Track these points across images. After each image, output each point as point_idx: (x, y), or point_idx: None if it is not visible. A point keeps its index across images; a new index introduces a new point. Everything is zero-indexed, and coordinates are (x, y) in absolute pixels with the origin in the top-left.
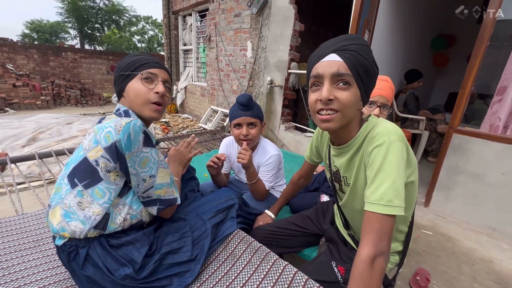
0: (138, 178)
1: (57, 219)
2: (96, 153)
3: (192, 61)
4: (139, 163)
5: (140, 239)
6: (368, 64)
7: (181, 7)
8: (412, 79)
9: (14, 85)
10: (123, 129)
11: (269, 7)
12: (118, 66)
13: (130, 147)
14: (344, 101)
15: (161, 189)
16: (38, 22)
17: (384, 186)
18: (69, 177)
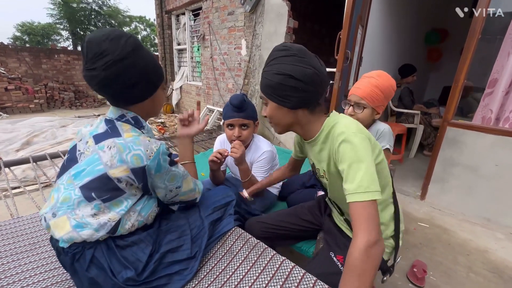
0: (166, 190)
1: (66, 229)
2: (121, 172)
3: (186, 60)
4: (168, 179)
5: (144, 239)
6: (269, 81)
7: (174, 6)
8: (406, 73)
9: (6, 88)
10: (154, 156)
11: (262, 5)
12: (141, 70)
13: (160, 170)
14: (268, 115)
15: (184, 195)
16: (29, 24)
17: (359, 175)
18: (83, 189)
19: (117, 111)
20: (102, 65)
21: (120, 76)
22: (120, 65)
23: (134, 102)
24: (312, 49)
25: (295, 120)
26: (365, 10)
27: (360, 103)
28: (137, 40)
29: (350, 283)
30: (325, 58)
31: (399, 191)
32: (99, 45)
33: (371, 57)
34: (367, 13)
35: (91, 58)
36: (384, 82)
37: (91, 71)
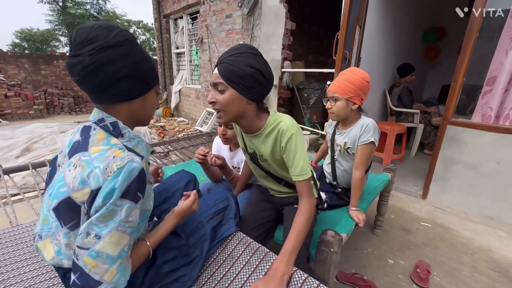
0: (87, 226)
1: (51, 254)
2: (84, 195)
3: (185, 64)
4: (101, 214)
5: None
6: (240, 70)
7: (172, 11)
8: (405, 73)
9: (6, 95)
10: (112, 176)
11: (260, 7)
12: (134, 64)
13: (110, 197)
14: (221, 102)
15: (92, 259)
16: (28, 31)
17: (301, 163)
18: (54, 213)
19: (98, 113)
20: (89, 50)
21: (108, 65)
22: (109, 52)
23: (121, 100)
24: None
25: (246, 112)
26: (362, 10)
27: (333, 96)
28: (132, 35)
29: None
30: (323, 59)
31: (400, 190)
32: (90, 31)
33: (369, 57)
34: (364, 13)
35: (78, 43)
36: (353, 75)
37: (75, 58)
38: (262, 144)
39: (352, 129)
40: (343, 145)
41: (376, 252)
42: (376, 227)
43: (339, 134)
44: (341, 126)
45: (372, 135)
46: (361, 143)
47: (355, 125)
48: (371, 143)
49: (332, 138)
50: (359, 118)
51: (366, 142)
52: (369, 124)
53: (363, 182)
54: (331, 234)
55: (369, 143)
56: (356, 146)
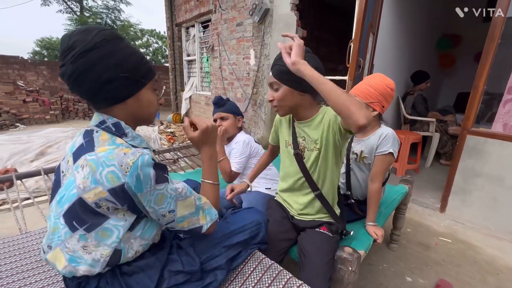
0: (157, 214)
1: (63, 263)
2: (96, 195)
3: (196, 71)
4: (154, 201)
5: (153, 265)
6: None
7: (184, 19)
8: (419, 80)
9: (25, 101)
10: (130, 170)
11: (270, 15)
12: (117, 63)
13: (142, 188)
14: (277, 98)
15: (183, 222)
16: (48, 39)
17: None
18: (65, 218)
19: (98, 116)
20: (70, 58)
21: (90, 70)
22: (88, 57)
23: (114, 102)
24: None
25: (301, 102)
26: (376, 17)
27: None
28: (114, 32)
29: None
30: (333, 66)
31: (416, 202)
32: (70, 38)
33: (382, 64)
34: (377, 20)
35: (62, 52)
36: (376, 80)
37: (62, 68)
38: (314, 130)
39: (370, 138)
40: (360, 153)
41: (392, 269)
42: (392, 241)
43: (356, 142)
44: (359, 133)
45: (391, 146)
46: (378, 153)
47: (374, 134)
48: (389, 154)
49: (349, 145)
50: (378, 126)
51: (384, 152)
52: (388, 134)
53: (380, 195)
54: (349, 251)
55: (387, 154)
56: (373, 156)
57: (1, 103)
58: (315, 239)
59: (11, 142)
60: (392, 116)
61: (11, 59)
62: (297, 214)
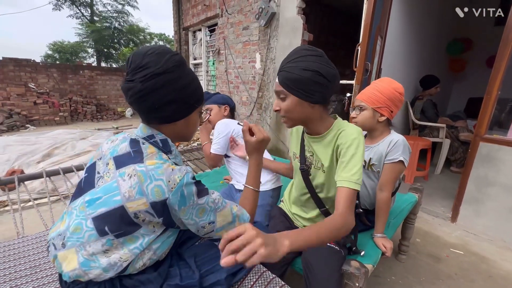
0: (197, 226)
1: (73, 265)
2: (139, 206)
3: (202, 74)
4: (196, 214)
5: (153, 280)
6: (297, 76)
7: (191, 23)
8: (429, 85)
9: (35, 102)
10: (176, 187)
11: (277, 19)
12: (180, 88)
13: (185, 203)
14: (284, 109)
15: (221, 231)
16: (60, 43)
17: (355, 169)
18: (95, 221)
19: (147, 129)
20: (141, 77)
21: (157, 91)
22: (158, 79)
23: (167, 122)
24: None
25: (310, 115)
26: (384, 20)
27: (360, 105)
28: (182, 58)
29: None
30: (340, 70)
31: (426, 211)
32: (143, 57)
33: (390, 68)
34: (386, 23)
35: (133, 69)
36: (384, 84)
37: (129, 83)
38: (323, 149)
39: (379, 144)
40: (368, 161)
41: (401, 281)
42: (400, 252)
43: (366, 148)
44: (368, 140)
45: (402, 153)
46: (388, 161)
47: (383, 141)
48: (399, 163)
49: None
50: (388, 133)
51: (393, 160)
52: (398, 141)
53: (389, 205)
54: (356, 266)
55: (397, 162)
56: (382, 164)
57: (12, 105)
58: (322, 252)
59: (20, 143)
60: (400, 121)
61: (24, 62)
62: (303, 225)
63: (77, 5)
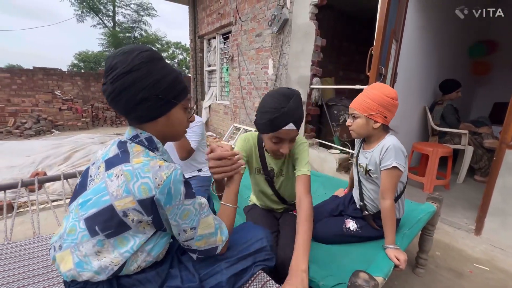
0: (179, 228)
1: (68, 266)
2: (126, 204)
3: (216, 80)
4: (180, 215)
5: (152, 279)
6: (302, 116)
7: (206, 32)
8: (449, 89)
9: (60, 109)
10: (163, 184)
11: (289, 25)
12: (151, 85)
13: (171, 201)
14: (291, 148)
15: (201, 241)
16: (84, 53)
17: (306, 161)
18: (87, 222)
19: (132, 130)
20: (111, 78)
21: (127, 90)
22: (126, 78)
23: (146, 120)
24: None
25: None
26: (399, 24)
27: (353, 114)
28: (154, 53)
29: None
30: (354, 75)
31: (446, 222)
32: (113, 58)
33: (407, 72)
34: (401, 27)
35: (105, 71)
36: (373, 91)
37: (104, 86)
38: (284, 165)
39: (374, 150)
40: (365, 166)
41: None
42: (418, 265)
43: (362, 153)
44: (366, 145)
45: (395, 159)
46: (383, 168)
47: (377, 146)
48: (393, 169)
49: (357, 157)
50: (383, 138)
51: (387, 167)
52: (389, 146)
53: (394, 212)
54: (364, 278)
55: (391, 169)
56: (379, 170)
57: (40, 111)
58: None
59: (43, 147)
60: (418, 127)
61: (51, 71)
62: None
63: (100, 16)
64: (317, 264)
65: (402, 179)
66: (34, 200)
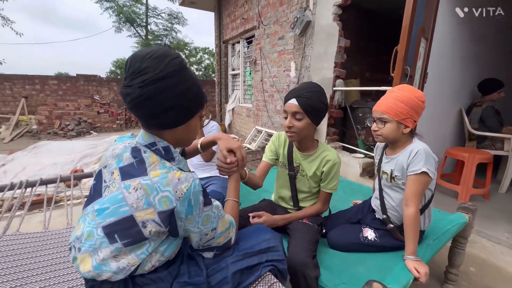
0: (200, 234)
1: (87, 268)
2: (147, 215)
3: (239, 84)
4: (201, 222)
5: (164, 278)
6: (315, 104)
7: (231, 36)
8: (490, 89)
9: (98, 112)
10: (184, 196)
11: (312, 27)
12: (180, 94)
13: (192, 211)
14: (298, 127)
15: (220, 237)
16: (121, 60)
17: (334, 183)
18: (105, 229)
19: (148, 137)
20: (140, 82)
21: (156, 97)
22: (158, 85)
23: (166, 128)
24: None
25: (309, 134)
26: (429, 21)
27: (382, 118)
28: (183, 61)
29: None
30: (381, 76)
31: (484, 236)
32: (141, 62)
33: (438, 72)
34: (431, 24)
35: (131, 74)
36: (405, 93)
37: (127, 88)
38: (309, 163)
39: (399, 155)
40: (390, 173)
41: None
42: (447, 280)
43: (386, 160)
44: (389, 150)
45: (424, 164)
46: (410, 173)
47: (404, 150)
48: (423, 174)
49: (378, 164)
50: (410, 142)
51: (416, 172)
52: (419, 150)
53: (418, 221)
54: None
55: (420, 174)
56: (406, 175)
57: (81, 114)
58: (300, 225)
59: (83, 147)
60: (453, 132)
61: (91, 77)
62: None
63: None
64: (330, 271)
65: (430, 186)
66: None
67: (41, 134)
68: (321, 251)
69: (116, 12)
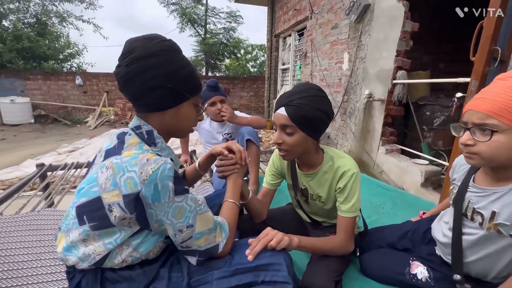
0: (174, 228)
1: (60, 247)
2: (112, 197)
3: (288, 79)
4: (172, 213)
5: (136, 278)
6: (308, 113)
7: (282, 30)
8: None
9: None
10: (148, 179)
11: (371, 11)
12: (166, 74)
13: (160, 198)
14: (289, 143)
15: (201, 239)
16: None
17: (353, 201)
18: (77, 209)
19: (136, 120)
20: (127, 61)
21: (140, 75)
22: (142, 63)
23: (154, 109)
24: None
25: (309, 149)
26: None
27: (486, 124)
28: (175, 45)
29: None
30: (459, 68)
31: None
32: (132, 43)
33: None
34: None
35: (121, 55)
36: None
37: (117, 68)
38: (317, 183)
39: (511, 192)
40: (489, 217)
41: None
42: None
43: (481, 192)
44: (486, 177)
45: None
46: None
47: None
48: None
49: (462, 192)
50: None
51: None
52: None
53: None
54: None
55: None
56: None
57: None
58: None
59: None
60: None
61: None
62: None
63: (195, 26)
64: None
65: None
66: None
67: (116, 124)
68: (350, 275)
69: (180, 14)
